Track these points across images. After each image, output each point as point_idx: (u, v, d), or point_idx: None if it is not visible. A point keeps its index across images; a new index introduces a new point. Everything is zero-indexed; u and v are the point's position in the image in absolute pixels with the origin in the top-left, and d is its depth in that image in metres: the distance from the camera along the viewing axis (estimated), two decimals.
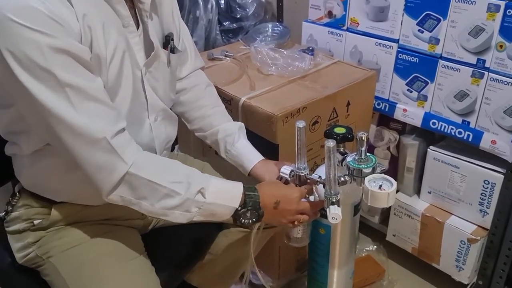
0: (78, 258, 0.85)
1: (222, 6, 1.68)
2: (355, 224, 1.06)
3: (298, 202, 0.88)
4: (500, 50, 1.09)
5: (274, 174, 0.96)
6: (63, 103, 0.69)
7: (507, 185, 1.16)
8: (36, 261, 0.88)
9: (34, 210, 0.86)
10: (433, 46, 1.21)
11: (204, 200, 0.79)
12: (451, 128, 1.24)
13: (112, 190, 0.75)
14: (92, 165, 0.73)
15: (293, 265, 1.43)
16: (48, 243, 0.86)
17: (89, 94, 0.71)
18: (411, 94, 1.31)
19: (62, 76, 0.68)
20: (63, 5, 0.68)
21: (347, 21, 1.39)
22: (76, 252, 0.85)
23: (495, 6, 1.07)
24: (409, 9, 1.23)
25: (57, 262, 0.85)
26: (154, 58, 0.86)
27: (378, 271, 1.47)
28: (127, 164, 0.74)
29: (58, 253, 0.85)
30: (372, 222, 1.58)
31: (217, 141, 1.03)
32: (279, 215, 0.87)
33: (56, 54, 0.67)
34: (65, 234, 0.87)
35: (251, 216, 0.83)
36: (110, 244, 0.87)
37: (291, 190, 0.89)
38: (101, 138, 0.72)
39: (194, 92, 1.06)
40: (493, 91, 1.13)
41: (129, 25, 0.81)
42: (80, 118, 0.70)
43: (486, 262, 1.28)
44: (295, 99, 1.16)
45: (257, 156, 1.00)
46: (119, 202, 0.77)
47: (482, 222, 1.28)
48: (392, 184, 0.85)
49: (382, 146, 1.47)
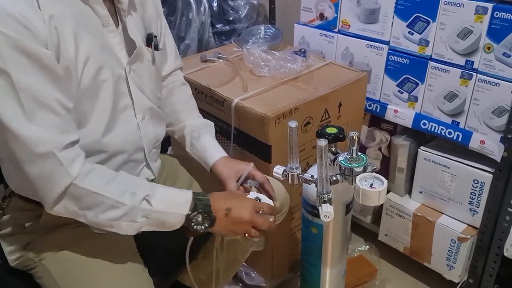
0: (70, 260, 0.84)
1: (215, 9, 1.69)
2: (347, 223, 1.07)
3: (251, 212, 0.84)
4: (488, 52, 1.11)
5: (234, 172, 0.95)
6: (14, 110, 0.67)
7: (496, 184, 1.18)
8: (28, 264, 0.87)
9: (25, 213, 0.86)
10: (423, 48, 1.23)
11: (151, 208, 0.77)
12: (441, 128, 1.26)
13: (56, 202, 0.74)
14: (36, 176, 0.72)
15: (286, 266, 1.44)
16: (39, 246, 0.86)
17: (43, 102, 0.69)
18: (401, 95, 1.32)
19: (18, 79, 0.66)
20: (31, 7, 0.67)
21: (339, 23, 1.41)
22: (68, 254, 0.85)
23: (482, 9, 1.09)
24: (399, 12, 1.25)
25: (49, 265, 0.85)
26: (137, 56, 0.86)
27: (371, 271, 1.48)
28: (72, 176, 0.72)
29: (50, 255, 0.85)
30: (364, 222, 1.59)
31: (183, 136, 1.03)
32: (232, 223, 0.83)
33: (15, 54, 0.65)
34: (56, 236, 0.86)
35: (203, 221, 0.80)
36: (102, 245, 0.87)
37: (244, 199, 0.88)
38: (48, 152, 0.70)
39: (169, 88, 1.08)
40: (482, 92, 1.15)
41: (109, 24, 0.81)
42: (29, 127, 0.68)
43: (476, 261, 1.29)
44: (287, 100, 1.18)
45: (220, 153, 0.99)
46: (64, 214, 0.76)
47: (472, 221, 1.29)
48: (383, 182, 0.86)
49: (374, 146, 1.49)
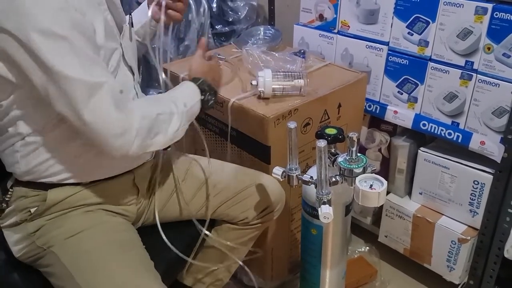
0: (79, 246, 0.86)
1: (214, 10, 1.69)
2: (346, 224, 1.06)
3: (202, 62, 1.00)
4: (488, 52, 1.11)
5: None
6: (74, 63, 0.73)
7: (496, 185, 1.18)
8: (36, 253, 0.88)
9: (30, 199, 0.87)
10: (423, 49, 1.23)
11: (187, 109, 0.90)
12: (441, 129, 1.26)
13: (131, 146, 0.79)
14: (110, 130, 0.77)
15: (285, 267, 1.44)
16: (47, 233, 0.87)
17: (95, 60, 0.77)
18: (401, 96, 1.32)
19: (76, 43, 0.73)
20: None
21: (338, 24, 1.41)
22: (76, 240, 0.86)
23: (482, 9, 1.09)
24: (399, 12, 1.25)
25: (58, 251, 0.86)
26: (125, 32, 0.91)
27: (371, 272, 1.47)
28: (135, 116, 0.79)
29: (58, 242, 0.86)
30: (364, 223, 1.58)
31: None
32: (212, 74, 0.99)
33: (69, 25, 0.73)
34: (63, 223, 0.88)
35: (210, 91, 0.95)
36: (110, 234, 0.89)
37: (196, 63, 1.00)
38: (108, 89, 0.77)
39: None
40: (482, 92, 1.15)
41: (102, 3, 0.85)
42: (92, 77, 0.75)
43: (477, 262, 1.29)
44: (286, 99, 1.17)
45: None
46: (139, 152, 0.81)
47: (472, 222, 1.29)
48: (382, 183, 0.86)
49: (374, 147, 1.48)
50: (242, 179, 1.09)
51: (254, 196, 1.07)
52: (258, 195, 1.07)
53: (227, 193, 1.07)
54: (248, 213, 1.07)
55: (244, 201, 1.07)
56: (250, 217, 1.08)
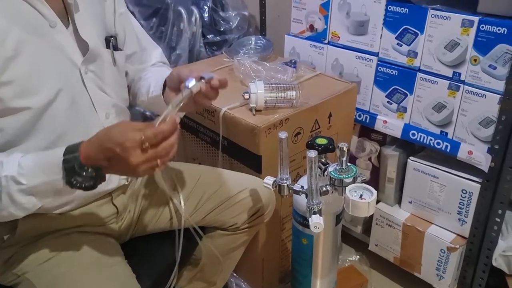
0: (54, 270, 0.83)
1: (206, 19, 1.70)
2: (337, 233, 1.07)
3: (135, 148, 0.66)
4: (474, 64, 1.13)
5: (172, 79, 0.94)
6: None
7: (484, 194, 1.19)
8: (11, 279, 0.86)
9: (2, 227, 0.84)
10: (412, 59, 1.25)
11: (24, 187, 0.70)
12: (430, 139, 1.27)
13: None
14: None
15: (276, 276, 1.43)
16: (21, 259, 0.85)
17: None
18: (391, 106, 1.34)
19: None
20: None
21: (328, 35, 1.43)
22: (51, 265, 0.84)
23: (469, 22, 1.11)
24: (388, 24, 1.27)
25: (33, 277, 0.83)
26: (93, 57, 0.85)
27: (361, 281, 1.48)
28: None
29: (33, 268, 0.84)
30: (355, 232, 1.59)
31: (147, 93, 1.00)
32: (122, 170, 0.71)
33: None
34: (38, 247, 0.85)
35: (82, 172, 0.69)
36: (86, 254, 0.86)
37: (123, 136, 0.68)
38: None
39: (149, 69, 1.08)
40: (469, 103, 1.17)
41: (57, 24, 0.80)
42: None
43: (466, 270, 1.30)
44: (278, 110, 1.18)
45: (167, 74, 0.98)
46: None
47: (461, 231, 1.30)
48: (372, 193, 0.87)
49: (364, 157, 1.50)
50: (232, 185, 1.08)
51: (244, 200, 1.07)
52: (248, 199, 1.07)
53: (218, 198, 1.06)
54: (238, 218, 1.07)
55: (234, 206, 1.06)
56: (240, 222, 1.07)
